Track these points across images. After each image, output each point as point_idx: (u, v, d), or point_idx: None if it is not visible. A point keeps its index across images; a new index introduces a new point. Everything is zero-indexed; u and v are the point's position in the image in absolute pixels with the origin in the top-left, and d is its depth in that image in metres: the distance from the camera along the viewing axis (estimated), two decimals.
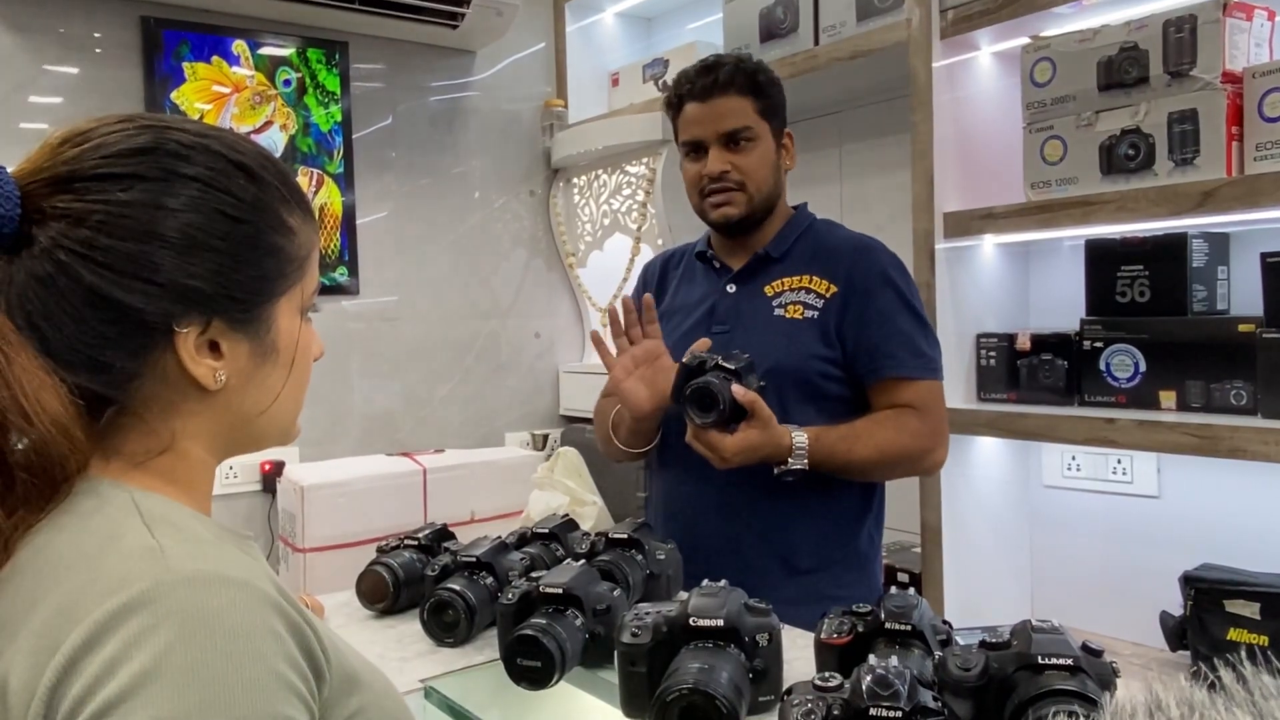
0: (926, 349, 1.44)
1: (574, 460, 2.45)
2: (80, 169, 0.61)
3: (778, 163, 1.49)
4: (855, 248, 1.47)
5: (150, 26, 2.35)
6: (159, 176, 0.62)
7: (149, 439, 0.64)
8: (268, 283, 0.67)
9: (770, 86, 1.47)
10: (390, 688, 0.71)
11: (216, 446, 0.69)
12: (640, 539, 1.28)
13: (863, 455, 1.37)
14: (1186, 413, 1.59)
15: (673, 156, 2.57)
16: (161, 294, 0.61)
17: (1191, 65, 1.52)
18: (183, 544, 0.59)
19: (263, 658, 0.55)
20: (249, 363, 0.67)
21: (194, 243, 0.62)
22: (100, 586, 0.55)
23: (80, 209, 0.60)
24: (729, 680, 0.85)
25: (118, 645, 0.52)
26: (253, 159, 0.67)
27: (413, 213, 2.78)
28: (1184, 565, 1.54)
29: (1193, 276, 1.64)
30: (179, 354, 0.63)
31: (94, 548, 0.58)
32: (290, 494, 2.28)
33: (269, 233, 0.67)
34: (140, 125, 0.64)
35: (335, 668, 0.62)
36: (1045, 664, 0.81)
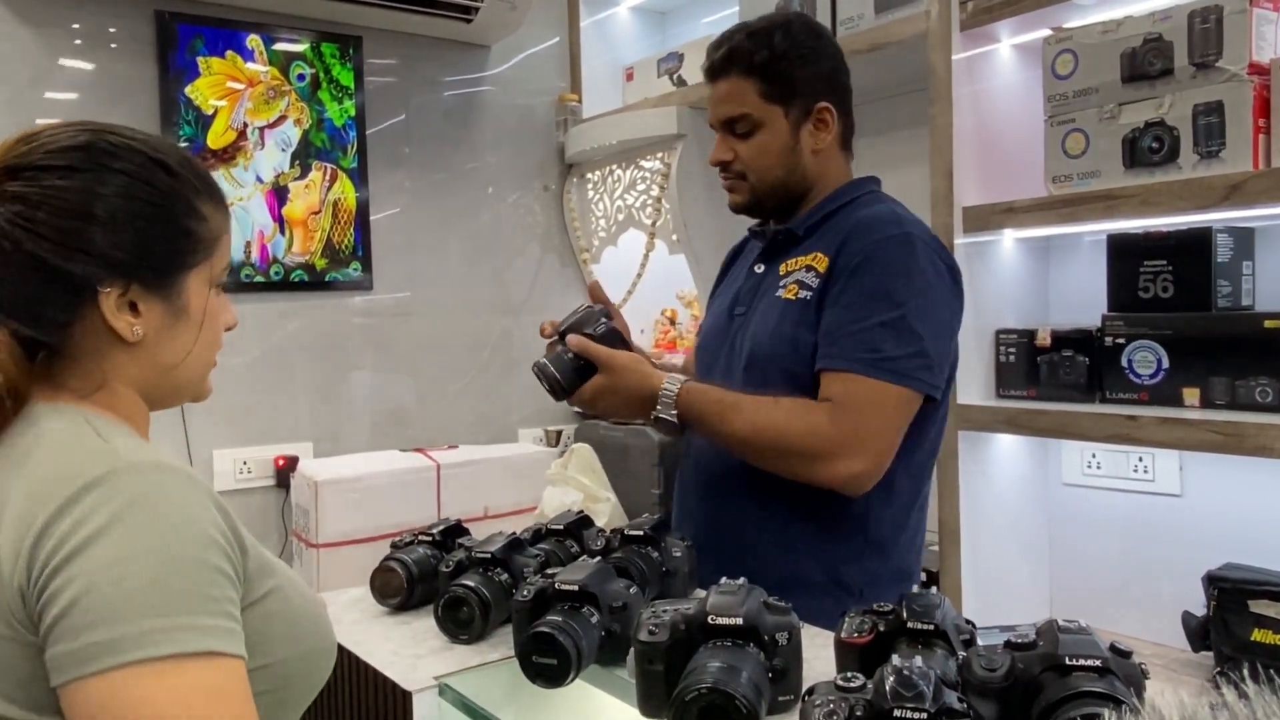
0: (885, 346, 1.23)
1: (588, 457, 2.44)
2: (27, 161, 0.77)
3: (792, 145, 1.36)
4: (863, 221, 1.32)
5: (165, 21, 2.35)
6: (91, 168, 0.78)
7: (85, 379, 0.80)
8: (180, 256, 0.82)
9: (778, 63, 1.33)
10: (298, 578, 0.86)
11: (141, 389, 0.84)
12: (656, 536, 1.26)
13: (734, 430, 1.25)
14: (1210, 410, 1.57)
15: (687, 151, 2.55)
16: (89, 260, 0.77)
17: (1217, 57, 1.50)
18: (129, 443, 0.75)
19: (196, 521, 0.71)
20: (162, 321, 0.82)
21: (117, 221, 0.78)
22: (66, 473, 0.70)
23: (24, 191, 0.76)
24: (749, 679, 0.83)
25: (80, 513, 0.68)
26: (172, 158, 0.83)
27: (426, 208, 2.78)
28: (1207, 565, 1.52)
29: (1217, 271, 1.61)
30: (102, 310, 0.78)
31: (56, 448, 0.74)
32: (304, 489, 2.28)
33: (182, 217, 0.82)
34: (81, 128, 0.80)
35: (252, 549, 0.77)
36: (1073, 665, 0.79)
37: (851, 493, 1.25)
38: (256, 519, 2.48)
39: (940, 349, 1.27)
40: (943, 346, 1.28)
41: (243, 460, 2.47)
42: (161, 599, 0.66)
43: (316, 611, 0.86)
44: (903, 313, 1.23)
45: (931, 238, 1.31)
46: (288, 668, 0.81)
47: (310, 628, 0.84)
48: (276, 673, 0.79)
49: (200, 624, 0.67)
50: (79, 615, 0.65)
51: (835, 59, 1.39)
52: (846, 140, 1.41)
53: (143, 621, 0.65)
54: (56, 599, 0.66)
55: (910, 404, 1.25)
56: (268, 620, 0.78)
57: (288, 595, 0.81)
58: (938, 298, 1.28)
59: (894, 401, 1.23)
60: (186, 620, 0.66)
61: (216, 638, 0.68)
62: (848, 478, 1.23)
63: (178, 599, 0.67)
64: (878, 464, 1.24)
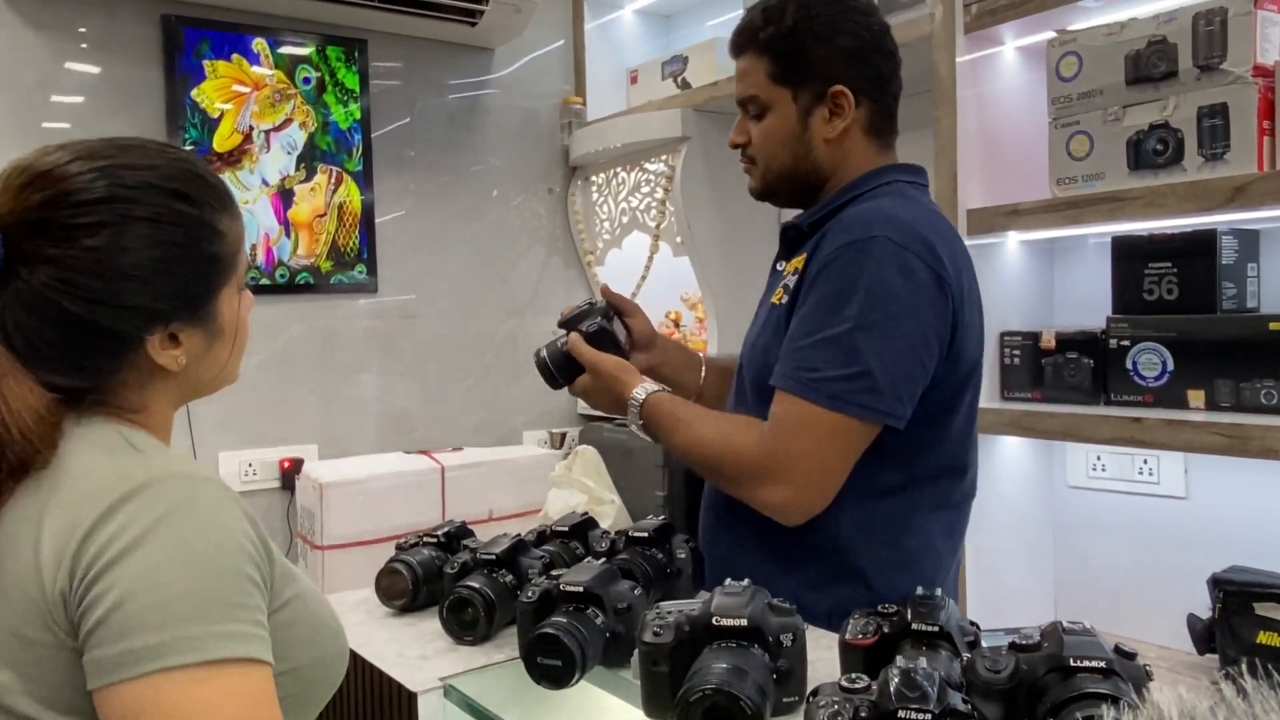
0: (823, 365, 1.12)
1: (592, 459, 2.44)
2: (54, 218, 0.76)
3: (799, 132, 1.25)
4: (839, 221, 1.21)
5: (171, 24, 2.35)
6: (117, 222, 0.77)
7: (126, 405, 0.82)
8: (210, 284, 0.84)
9: (785, 40, 1.23)
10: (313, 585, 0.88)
11: (176, 402, 0.87)
12: (660, 537, 1.27)
13: (677, 444, 1.22)
14: (1215, 412, 1.56)
15: (691, 154, 2.56)
16: (132, 315, 0.79)
17: (1222, 59, 1.50)
18: (160, 456, 0.78)
19: (229, 531, 0.73)
20: (201, 344, 0.84)
21: (153, 274, 0.79)
22: (104, 485, 0.72)
23: (63, 256, 0.76)
24: (753, 681, 0.83)
25: (120, 522, 0.70)
26: (189, 183, 0.83)
27: (431, 211, 2.78)
28: (1212, 567, 1.52)
29: (1222, 274, 1.61)
30: (148, 351, 0.80)
31: (93, 459, 0.76)
32: (309, 491, 2.28)
33: (208, 245, 0.83)
34: (93, 170, 0.78)
35: (277, 558, 0.79)
36: (1077, 666, 0.79)
37: (784, 520, 1.16)
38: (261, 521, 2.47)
39: (897, 368, 1.12)
40: (901, 364, 1.13)
41: (248, 462, 2.47)
42: (198, 606, 0.68)
43: (332, 616, 0.88)
44: (848, 328, 1.11)
45: (912, 239, 1.15)
46: (308, 672, 0.83)
47: (328, 633, 0.86)
48: (297, 677, 0.82)
49: (234, 631, 0.69)
50: (118, 621, 0.67)
51: (860, 37, 1.24)
52: (877, 128, 1.28)
53: (180, 628, 0.67)
54: (97, 605, 0.68)
55: (847, 430, 1.12)
56: (290, 626, 0.80)
57: (308, 602, 0.83)
58: (900, 310, 1.13)
59: (826, 427, 1.12)
60: (221, 627, 0.69)
61: (249, 644, 0.70)
62: (774, 504, 1.15)
63: (213, 606, 0.69)
64: (808, 493, 1.14)
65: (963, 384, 1.23)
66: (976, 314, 1.26)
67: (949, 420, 1.23)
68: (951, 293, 1.17)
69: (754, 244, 2.35)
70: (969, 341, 1.23)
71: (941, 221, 1.24)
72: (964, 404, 1.25)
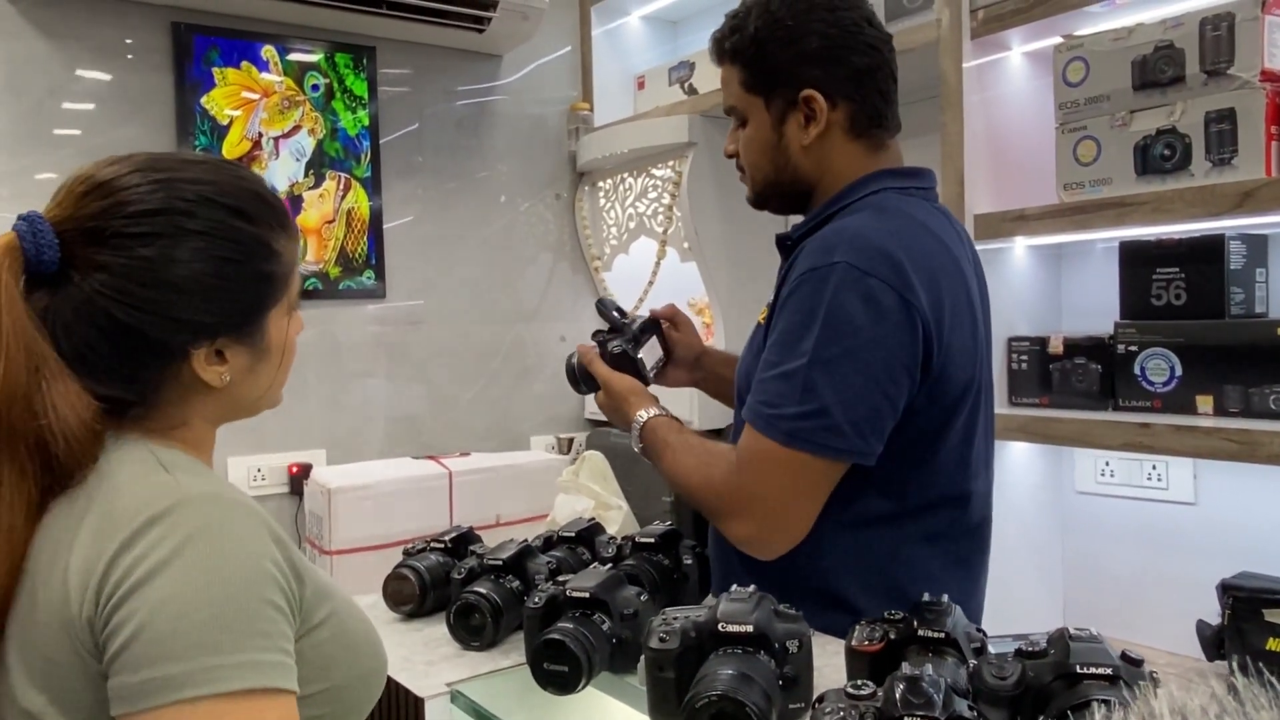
0: (782, 401, 1.08)
1: (599, 464, 2.44)
2: (109, 226, 0.76)
3: (775, 140, 1.21)
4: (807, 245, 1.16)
5: (181, 32, 2.37)
6: (172, 233, 0.77)
7: (165, 420, 0.82)
8: (261, 302, 0.84)
9: (751, 49, 1.19)
10: (352, 600, 0.88)
11: (217, 420, 0.87)
12: (667, 543, 1.27)
13: (665, 468, 1.22)
14: (1224, 418, 1.56)
15: (699, 159, 2.56)
16: (181, 328, 0.79)
17: (1229, 64, 1.50)
18: (192, 477, 0.76)
19: (255, 557, 0.72)
20: (247, 363, 0.84)
21: (204, 287, 0.79)
22: (131, 508, 0.72)
23: (115, 263, 0.76)
24: (759, 687, 0.83)
25: (144, 547, 0.69)
26: (246, 201, 0.82)
27: (439, 216, 2.79)
28: (1221, 573, 1.51)
29: (1230, 279, 1.61)
30: (193, 366, 0.80)
31: (122, 483, 0.75)
32: (317, 496, 2.29)
33: (262, 263, 0.83)
34: (152, 181, 0.78)
35: (310, 578, 0.78)
36: (1083, 674, 0.79)
37: (754, 555, 1.14)
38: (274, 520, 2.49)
39: (858, 404, 1.07)
40: (864, 400, 1.08)
41: (256, 468, 2.48)
42: (218, 636, 0.68)
43: (370, 632, 0.87)
44: (804, 362, 1.07)
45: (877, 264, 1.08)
46: (345, 691, 0.83)
47: (365, 650, 0.85)
48: (334, 696, 0.81)
49: (254, 660, 0.69)
50: (139, 649, 0.67)
51: (827, 36, 1.17)
52: (861, 128, 1.21)
53: (199, 659, 0.67)
54: (119, 631, 0.68)
55: (807, 468, 1.09)
56: (325, 646, 0.79)
57: (343, 620, 0.82)
58: (860, 343, 1.07)
59: (786, 465, 1.08)
60: (242, 657, 0.68)
61: (269, 674, 0.70)
62: (741, 539, 1.13)
63: (234, 636, 0.68)
64: (772, 530, 1.11)
65: (952, 409, 1.17)
66: (967, 332, 1.18)
67: (936, 449, 1.17)
68: (922, 318, 1.09)
69: (761, 249, 2.34)
70: (955, 364, 1.15)
71: (921, 236, 1.15)
72: (954, 430, 1.18)
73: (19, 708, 0.73)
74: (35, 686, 0.72)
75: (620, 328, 1.39)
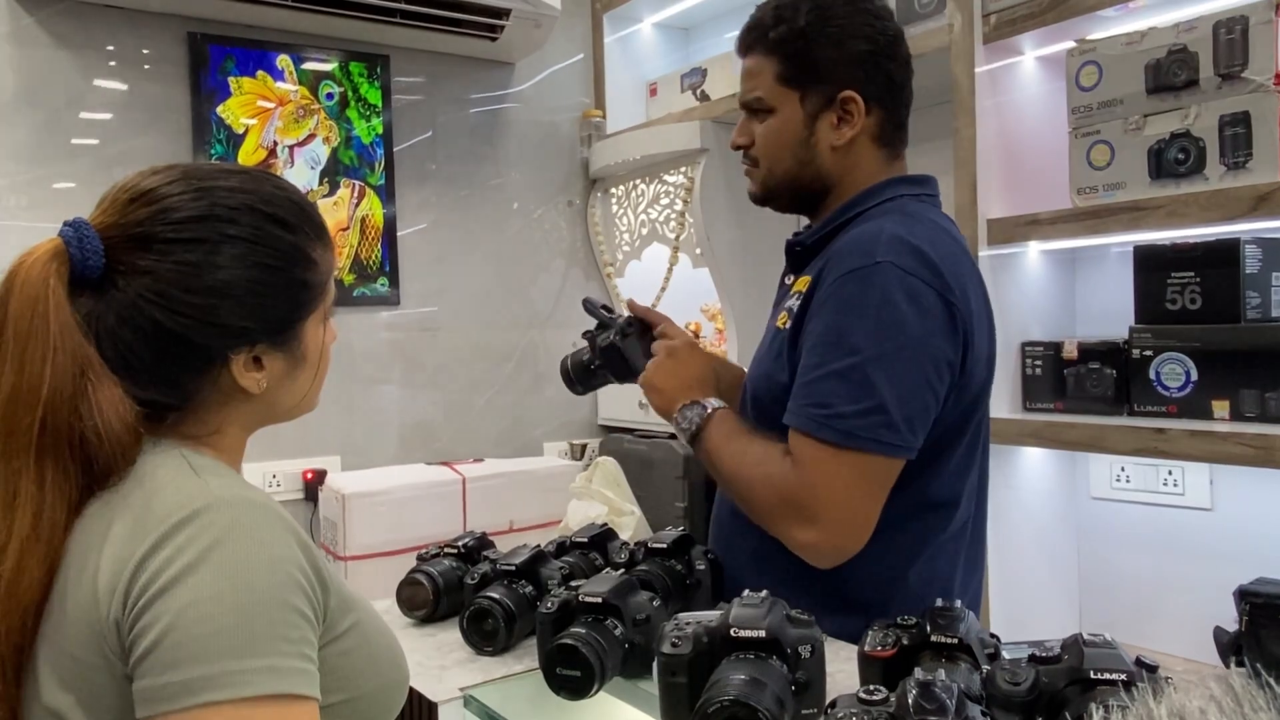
0: (836, 400, 1.07)
1: (612, 470, 2.45)
2: (154, 233, 0.78)
3: (804, 137, 1.22)
4: (841, 246, 1.16)
5: (197, 42, 2.39)
6: (215, 239, 0.79)
7: (202, 426, 0.83)
8: (298, 310, 0.85)
9: (796, 41, 1.19)
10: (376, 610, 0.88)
11: (251, 427, 0.88)
12: (680, 548, 1.27)
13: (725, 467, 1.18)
14: (1240, 423, 1.55)
15: (711, 165, 2.56)
16: (221, 333, 0.80)
17: (1243, 67, 1.49)
18: (222, 481, 0.77)
19: (281, 561, 0.72)
20: (283, 370, 0.85)
21: (244, 293, 0.80)
22: (160, 512, 0.73)
23: (158, 268, 0.77)
24: (771, 692, 0.83)
25: (171, 550, 0.70)
26: (286, 209, 0.84)
27: (452, 224, 2.80)
28: (1238, 579, 1.49)
29: (1246, 283, 1.60)
30: (231, 371, 0.81)
31: (155, 488, 0.76)
32: (332, 502, 2.30)
33: (300, 271, 0.84)
34: (195, 189, 0.80)
35: (335, 586, 0.79)
36: (1098, 679, 0.78)
37: (815, 563, 1.12)
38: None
39: (911, 400, 1.09)
40: (916, 396, 1.09)
41: (272, 474, 2.50)
42: (242, 641, 0.68)
43: (393, 644, 0.88)
44: (858, 360, 1.07)
45: (919, 264, 1.11)
46: (366, 702, 0.83)
47: (388, 661, 0.85)
48: (355, 707, 0.81)
49: (278, 666, 0.69)
50: (164, 652, 0.68)
51: (875, 41, 1.20)
52: (887, 137, 1.24)
53: (223, 662, 0.67)
54: (145, 634, 0.68)
55: (870, 468, 1.09)
56: (348, 656, 0.79)
57: (366, 631, 0.82)
58: (910, 340, 1.09)
59: (846, 467, 1.07)
60: (265, 662, 0.69)
61: (292, 680, 0.70)
62: (802, 545, 1.10)
63: (258, 641, 0.69)
64: (838, 535, 1.09)
65: (969, 411, 1.19)
66: (985, 334, 1.20)
67: (955, 447, 1.19)
68: (961, 317, 1.12)
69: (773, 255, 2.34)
70: (978, 366, 1.18)
71: (947, 240, 1.18)
72: (970, 429, 1.20)
73: (45, 706, 0.73)
74: (62, 686, 0.73)
75: (607, 324, 1.40)
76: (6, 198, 2.19)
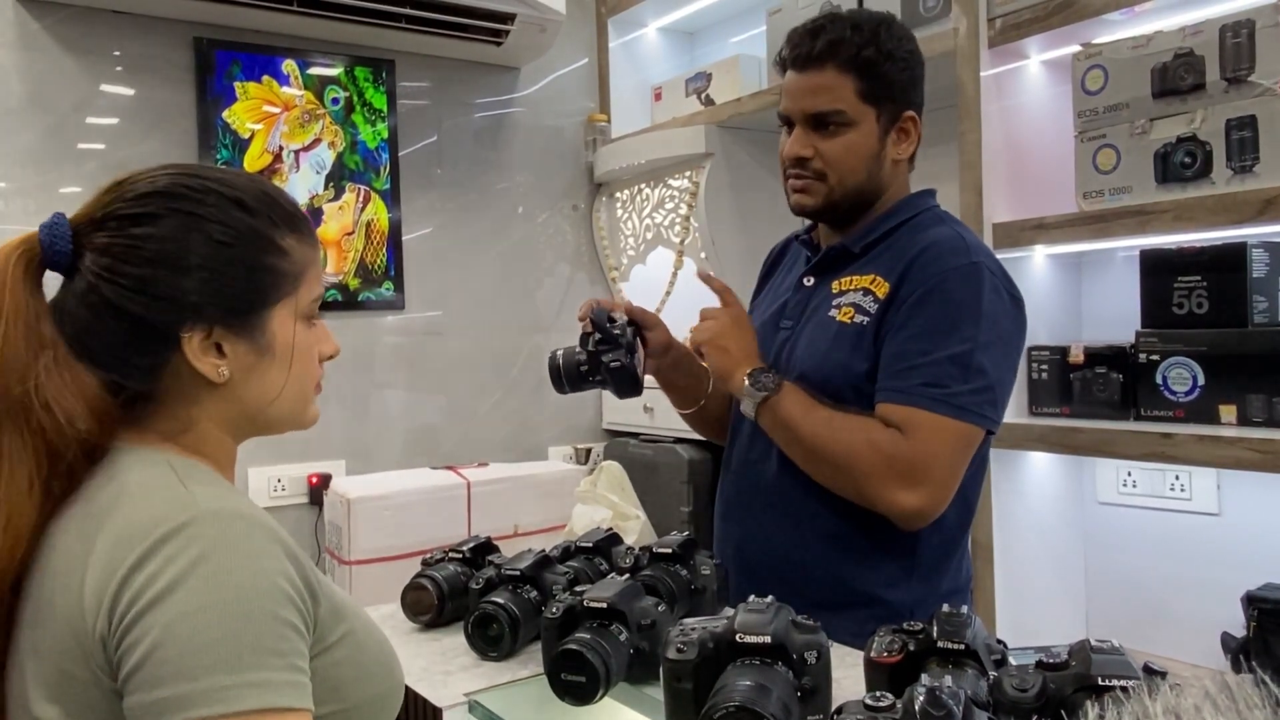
0: (951, 381, 1.19)
1: (617, 474, 2.45)
2: (111, 211, 0.78)
3: (879, 152, 1.29)
4: (930, 247, 1.25)
5: (203, 47, 2.40)
6: (167, 213, 0.78)
7: (172, 421, 0.81)
8: (261, 294, 0.82)
9: (882, 63, 1.25)
10: (370, 619, 0.86)
11: (231, 429, 0.85)
12: (685, 553, 1.26)
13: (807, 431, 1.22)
14: (1248, 427, 1.54)
15: (715, 170, 2.57)
16: (168, 306, 0.78)
17: (1250, 71, 1.49)
18: (207, 490, 0.76)
19: (268, 574, 0.71)
20: (248, 360, 0.82)
21: (194, 265, 0.78)
22: (146, 522, 0.71)
23: (108, 243, 0.77)
24: (777, 698, 0.83)
25: (157, 563, 0.69)
26: (249, 195, 0.82)
27: (457, 228, 2.81)
28: (1245, 585, 1.49)
29: (1253, 287, 1.59)
30: (185, 354, 0.79)
31: (138, 496, 0.75)
32: (337, 507, 2.30)
33: (260, 254, 0.82)
34: (162, 171, 0.81)
35: (325, 595, 0.77)
36: (1105, 686, 0.78)
37: (907, 526, 1.21)
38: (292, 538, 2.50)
39: (1005, 383, 1.24)
40: (1007, 380, 1.25)
41: (276, 478, 2.50)
42: (231, 655, 0.67)
43: (387, 653, 0.86)
44: (970, 347, 1.19)
45: (997, 265, 1.27)
46: (359, 712, 0.82)
47: (381, 671, 0.84)
48: (348, 717, 0.80)
49: (269, 679, 0.68)
50: (152, 668, 0.67)
51: (922, 68, 1.32)
52: (915, 154, 1.36)
53: (212, 677, 0.66)
54: (133, 650, 0.68)
55: (973, 439, 1.22)
56: (339, 666, 0.78)
57: (360, 640, 0.81)
58: (1004, 331, 1.24)
59: (957, 437, 1.19)
60: (255, 676, 0.68)
61: (283, 693, 0.69)
62: (906, 509, 1.19)
63: (247, 655, 0.68)
64: (938, 499, 1.20)
65: None
66: None
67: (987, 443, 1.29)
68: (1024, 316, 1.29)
69: None
70: None
71: None
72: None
73: (34, 717, 0.73)
74: (48, 698, 0.72)
75: (613, 338, 1.37)
76: (13, 202, 2.20)
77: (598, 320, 1.38)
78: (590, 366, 1.37)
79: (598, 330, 1.37)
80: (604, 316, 1.38)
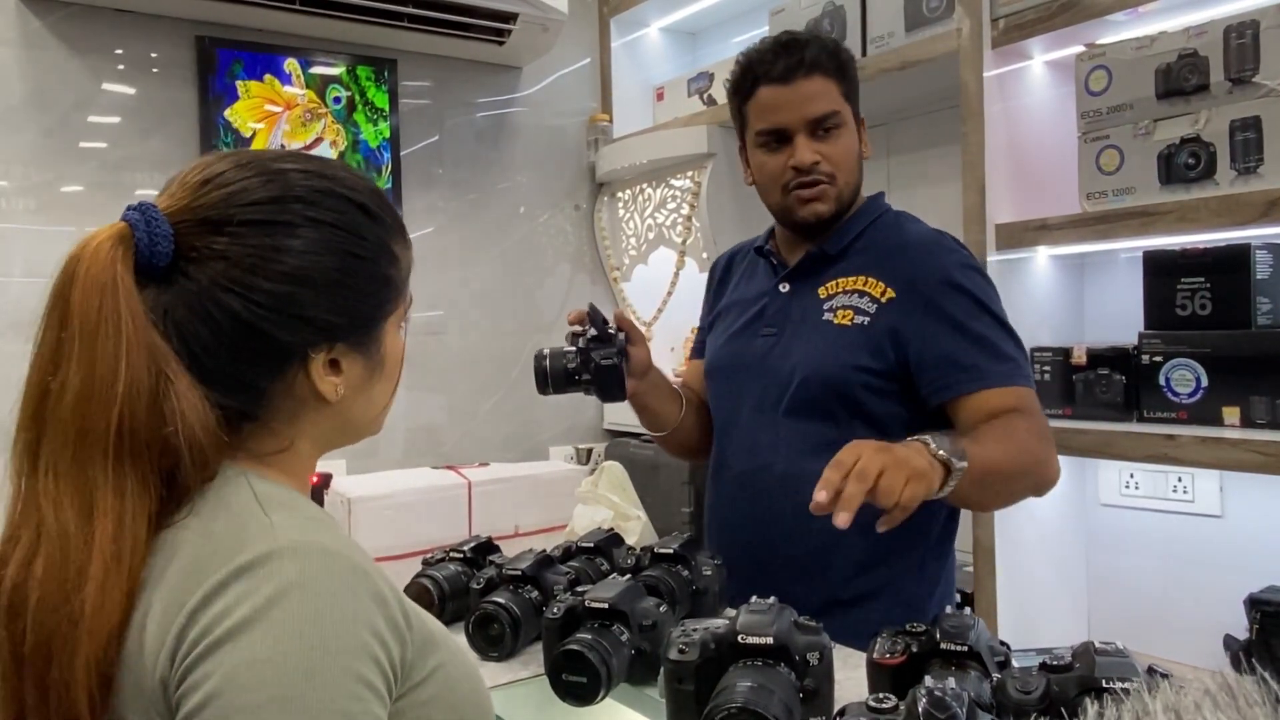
0: (1013, 353, 1.27)
1: (618, 475, 2.44)
2: (228, 215, 0.70)
3: (859, 149, 1.36)
4: (920, 246, 1.32)
5: (205, 46, 2.39)
6: (297, 222, 0.72)
7: (272, 441, 0.74)
8: (380, 308, 0.77)
9: (851, 66, 1.35)
10: (461, 647, 0.78)
11: (324, 445, 0.79)
12: (686, 554, 1.26)
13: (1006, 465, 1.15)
14: (1251, 429, 1.54)
15: (717, 170, 2.56)
16: (304, 326, 0.71)
17: (1254, 72, 1.48)
18: (289, 519, 0.68)
19: (349, 621, 0.63)
20: (361, 376, 0.77)
21: (330, 282, 0.72)
22: (220, 554, 0.64)
23: (234, 252, 0.69)
24: (779, 700, 0.83)
25: (229, 600, 0.62)
26: (369, 198, 0.77)
27: (459, 228, 2.81)
28: (1248, 587, 1.49)
29: (1257, 289, 1.59)
30: (309, 374, 0.73)
31: (215, 523, 0.67)
32: (338, 506, 2.29)
33: (384, 266, 0.77)
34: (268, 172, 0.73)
35: (416, 631, 0.69)
36: (1109, 688, 0.78)
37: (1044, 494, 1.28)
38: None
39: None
40: None
41: None
42: (296, 712, 0.60)
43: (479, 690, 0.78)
44: (999, 315, 1.29)
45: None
46: None
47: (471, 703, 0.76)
48: None
49: None
50: (210, 716, 0.60)
51: None
52: None
53: None
54: (192, 694, 0.61)
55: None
56: (428, 706, 0.71)
57: (450, 675, 0.73)
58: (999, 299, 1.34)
59: (1037, 402, 1.27)
60: None
61: None
62: (1055, 478, 1.25)
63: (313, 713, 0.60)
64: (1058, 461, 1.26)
65: None
66: None
67: None
68: None
69: None
70: None
71: None
72: None
73: None
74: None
75: (608, 337, 1.38)
76: (15, 201, 2.20)
77: (594, 317, 1.38)
78: (579, 364, 1.36)
79: (593, 326, 1.37)
80: (600, 315, 1.38)
